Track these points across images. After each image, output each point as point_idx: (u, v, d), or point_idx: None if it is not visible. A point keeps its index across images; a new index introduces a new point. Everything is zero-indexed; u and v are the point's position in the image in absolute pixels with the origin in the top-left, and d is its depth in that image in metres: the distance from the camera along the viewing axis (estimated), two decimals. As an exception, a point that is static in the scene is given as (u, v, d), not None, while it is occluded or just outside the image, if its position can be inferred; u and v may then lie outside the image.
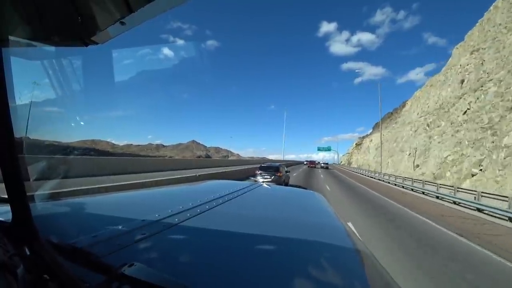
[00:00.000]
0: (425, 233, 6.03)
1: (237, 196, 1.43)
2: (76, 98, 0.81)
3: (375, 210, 8.57)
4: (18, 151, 0.48)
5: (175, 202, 1.23)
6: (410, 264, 3.98)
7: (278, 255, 0.77)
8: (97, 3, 0.55)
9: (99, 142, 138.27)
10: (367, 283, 0.70)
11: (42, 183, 0.73)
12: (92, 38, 0.62)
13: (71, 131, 0.85)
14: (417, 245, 5.02)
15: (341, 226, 1.17)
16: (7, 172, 0.47)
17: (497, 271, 4.15)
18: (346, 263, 0.79)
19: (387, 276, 0.74)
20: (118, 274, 0.46)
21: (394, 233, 5.80)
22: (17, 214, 0.50)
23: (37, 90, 0.72)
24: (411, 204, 10.34)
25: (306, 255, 0.79)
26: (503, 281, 3.84)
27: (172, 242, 0.74)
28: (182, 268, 0.61)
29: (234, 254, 0.73)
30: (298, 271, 0.67)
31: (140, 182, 8.09)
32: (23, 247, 0.48)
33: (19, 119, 0.49)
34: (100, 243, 0.60)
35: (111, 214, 0.95)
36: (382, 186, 18.50)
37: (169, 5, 0.59)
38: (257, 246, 0.82)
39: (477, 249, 5.07)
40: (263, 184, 2.07)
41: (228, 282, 0.56)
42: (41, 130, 0.88)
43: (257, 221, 1.11)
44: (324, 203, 1.69)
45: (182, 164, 18.88)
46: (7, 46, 0.54)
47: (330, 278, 0.68)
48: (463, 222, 7.67)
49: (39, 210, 0.68)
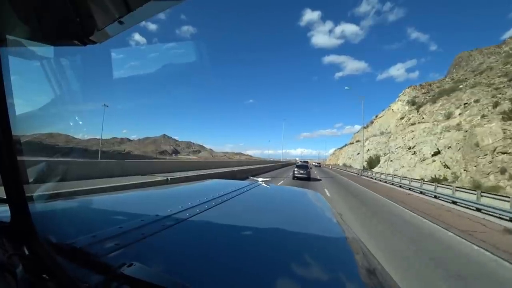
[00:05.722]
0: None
1: (236, 196, 1.43)
2: (74, 98, 0.81)
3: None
4: (16, 150, 0.48)
5: (174, 201, 1.23)
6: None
7: (278, 253, 0.77)
8: (96, 2, 0.55)
9: (57, 136, 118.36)
10: (363, 280, 0.70)
11: (41, 183, 0.73)
12: (91, 37, 0.61)
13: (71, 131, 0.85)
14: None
15: (338, 222, 1.18)
16: (5, 172, 0.47)
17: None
18: (342, 259, 0.80)
19: (383, 273, 0.75)
20: (117, 274, 0.46)
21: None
22: (15, 214, 0.49)
23: (35, 90, 0.72)
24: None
25: (305, 253, 0.80)
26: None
27: (171, 241, 0.74)
28: (181, 268, 0.61)
29: (233, 253, 0.74)
30: (297, 271, 0.67)
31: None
32: (22, 247, 0.48)
33: (17, 119, 0.49)
34: (99, 243, 0.60)
35: (110, 214, 0.95)
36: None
37: (167, 4, 0.59)
38: (256, 245, 0.82)
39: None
40: (262, 184, 2.07)
41: (228, 281, 0.57)
42: (40, 130, 0.88)
43: (256, 220, 1.11)
44: (322, 202, 1.70)
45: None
46: (5, 46, 0.53)
47: (327, 274, 0.69)
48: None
49: (37, 210, 0.68)
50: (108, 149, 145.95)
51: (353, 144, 71.97)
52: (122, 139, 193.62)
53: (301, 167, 18.51)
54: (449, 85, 40.58)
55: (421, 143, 27.16)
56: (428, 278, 3.61)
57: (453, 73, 54.52)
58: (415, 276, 3.61)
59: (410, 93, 51.38)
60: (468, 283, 3.55)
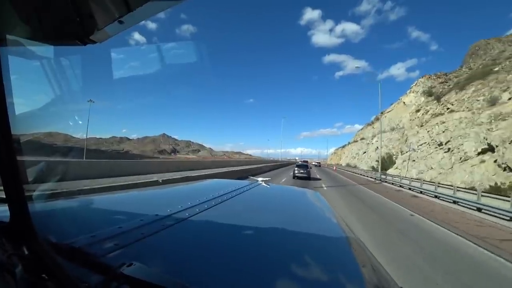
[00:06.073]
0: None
1: (236, 195, 1.43)
2: (74, 97, 0.81)
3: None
4: (16, 150, 0.48)
5: (174, 201, 1.23)
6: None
7: (278, 253, 0.77)
8: (96, 2, 0.55)
9: (56, 135, 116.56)
10: (363, 279, 0.70)
11: (40, 183, 0.73)
12: (91, 37, 0.61)
13: (70, 130, 0.85)
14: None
15: (337, 222, 1.19)
16: (4, 171, 0.47)
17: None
18: (342, 259, 0.81)
19: (383, 272, 0.75)
20: (117, 274, 0.46)
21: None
22: (15, 213, 0.49)
23: (35, 90, 0.72)
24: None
25: (305, 253, 0.80)
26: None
27: (171, 241, 0.74)
28: (181, 268, 0.61)
29: (233, 253, 0.74)
30: (297, 270, 0.67)
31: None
32: (21, 246, 0.48)
33: (17, 119, 0.49)
34: (98, 242, 0.60)
35: (110, 213, 0.95)
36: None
37: (167, 4, 0.59)
38: (256, 245, 0.82)
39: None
40: (262, 183, 2.07)
41: (227, 281, 0.57)
42: (39, 129, 0.88)
43: (256, 219, 1.11)
44: (321, 201, 1.70)
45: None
46: (5, 45, 0.53)
47: (327, 274, 0.69)
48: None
49: (37, 210, 0.68)
50: (107, 148, 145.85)
51: (357, 142, 67.81)
52: (121, 138, 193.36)
53: (301, 166, 19.95)
54: (468, 74, 36.16)
55: (460, 137, 20.25)
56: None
57: (470, 62, 47.77)
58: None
59: (425, 83, 46.06)
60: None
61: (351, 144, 76.15)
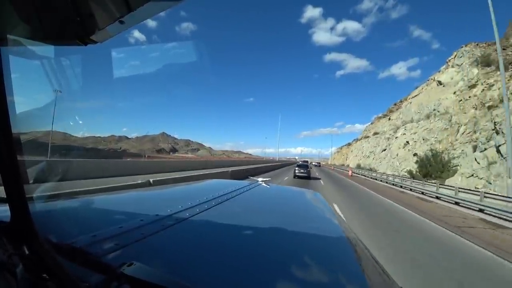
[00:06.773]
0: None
1: (236, 196, 1.43)
2: (75, 97, 0.81)
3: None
4: (17, 150, 0.48)
5: (174, 201, 1.23)
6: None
7: (278, 253, 0.77)
8: (97, 2, 0.55)
9: (54, 134, 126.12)
10: (363, 279, 0.70)
11: (41, 183, 0.73)
12: (91, 37, 0.61)
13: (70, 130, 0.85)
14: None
15: (338, 222, 1.19)
16: (5, 171, 0.47)
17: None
18: (342, 259, 0.81)
19: (384, 272, 0.75)
20: (117, 274, 0.46)
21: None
22: (16, 213, 0.49)
23: (36, 89, 0.72)
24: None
25: (305, 253, 0.80)
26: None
27: (171, 241, 0.74)
28: (181, 268, 0.61)
29: (233, 253, 0.74)
30: (297, 270, 0.67)
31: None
32: (22, 246, 0.48)
33: (17, 119, 0.49)
34: (99, 242, 0.60)
35: (110, 213, 0.95)
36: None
37: (168, 4, 0.59)
38: (256, 245, 0.82)
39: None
40: (261, 183, 2.07)
41: (228, 281, 0.57)
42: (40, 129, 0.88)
43: (256, 219, 1.11)
44: (321, 201, 1.70)
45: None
46: (5, 45, 0.53)
47: (327, 274, 0.69)
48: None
49: (38, 210, 0.68)
50: (104, 147, 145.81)
51: (369, 138, 53.80)
52: (120, 137, 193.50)
53: (302, 166, 20.96)
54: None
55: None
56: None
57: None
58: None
59: (472, 52, 31.36)
60: None
61: (361, 141, 61.80)
